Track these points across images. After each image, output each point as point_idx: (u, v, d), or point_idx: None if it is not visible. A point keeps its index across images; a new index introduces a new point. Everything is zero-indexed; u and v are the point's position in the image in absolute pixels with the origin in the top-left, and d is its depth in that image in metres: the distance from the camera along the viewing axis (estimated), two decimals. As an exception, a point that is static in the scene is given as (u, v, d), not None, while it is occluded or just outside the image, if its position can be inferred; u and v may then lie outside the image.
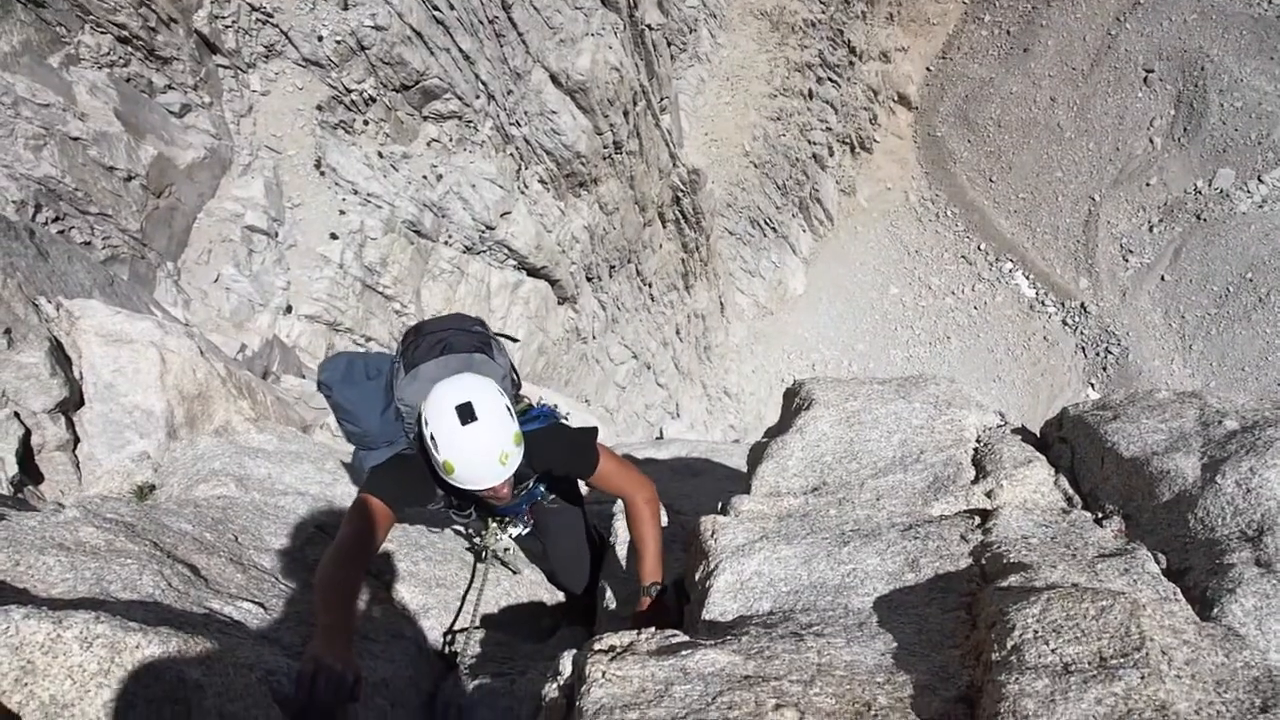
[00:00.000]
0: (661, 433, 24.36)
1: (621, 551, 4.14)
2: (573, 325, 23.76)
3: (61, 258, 7.06)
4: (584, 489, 3.83)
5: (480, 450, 2.70)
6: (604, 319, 25.17)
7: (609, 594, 3.79)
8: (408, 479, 2.96)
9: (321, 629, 2.47)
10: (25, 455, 4.40)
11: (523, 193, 21.94)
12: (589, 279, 24.30)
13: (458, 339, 3.09)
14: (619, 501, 4.43)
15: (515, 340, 4.25)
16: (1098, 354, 29.83)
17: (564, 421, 3.36)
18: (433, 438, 2.71)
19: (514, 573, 3.97)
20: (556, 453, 3.15)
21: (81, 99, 14.36)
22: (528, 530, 3.65)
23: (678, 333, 28.76)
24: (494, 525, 3.48)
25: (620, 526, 4.27)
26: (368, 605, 3.14)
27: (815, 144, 33.74)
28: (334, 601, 2.57)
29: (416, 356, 3.04)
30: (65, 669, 1.64)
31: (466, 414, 2.66)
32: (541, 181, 22.45)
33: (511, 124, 21.31)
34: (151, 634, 1.74)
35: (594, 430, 3.29)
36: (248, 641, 2.42)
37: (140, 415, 5.06)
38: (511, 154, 21.62)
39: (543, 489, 3.43)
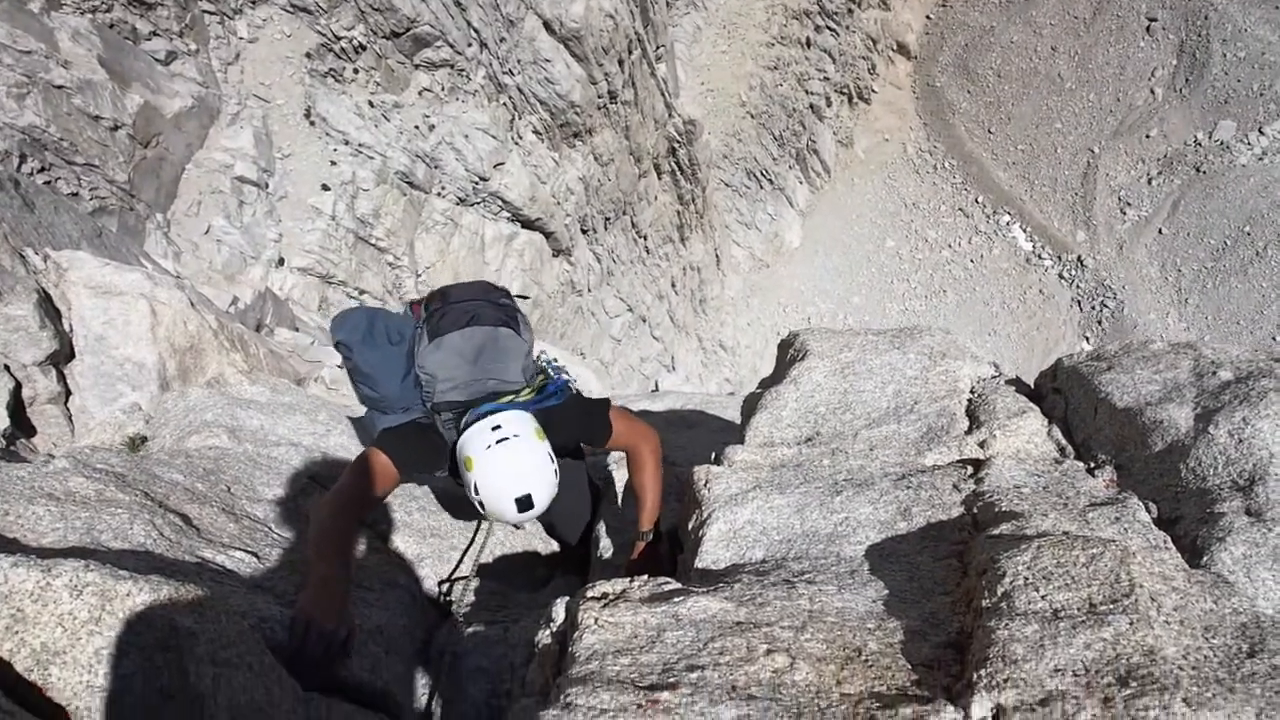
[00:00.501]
0: (657, 385, 24.40)
1: (617, 501, 4.15)
2: (567, 278, 23.66)
3: (48, 209, 6.99)
4: None
5: (522, 519, 2.74)
6: (599, 272, 25.07)
7: (603, 543, 3.81)
8: (422, 447, 2.93)
9: (316, 580, 2.47)
10: (17, 408, 4.39)
11: (516, 143, 21.71)
12: (584, 231, 24.15)
13: (485, 311, 3.02)
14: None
15: (526, 299, 4.19)
16: (1093, 308, 29.81)
17: (577, 392, 3.31)
18: (481, 503, 2.70)
19: (516, 528, 3.98)
20: (572, 427, 3.13)
21: (64, 46, 14.09)
22: None
23: (673, 285, 28.67)
24: None
25: (618, 476, 4.28)
26: (363, 554, 3.15)
27: (813, 94, 33.37)
28: (329, 552, 2.57)
29: (442, 325, 2.98)
30: (56, 617, 1.64)
31: (525, 505, 2.67)
32: (535, 132, 22.20)
33: (504, 73, 21.01)
34: (142, 581, 1.74)
35: (607, 401, 3.28)
36: (240, 590, 2.42)
37: (132, 368, 5.04)
38: (505, 104, 21.35)
39: None
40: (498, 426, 2.70)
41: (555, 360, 3.44)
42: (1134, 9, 31.98)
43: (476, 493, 2.68)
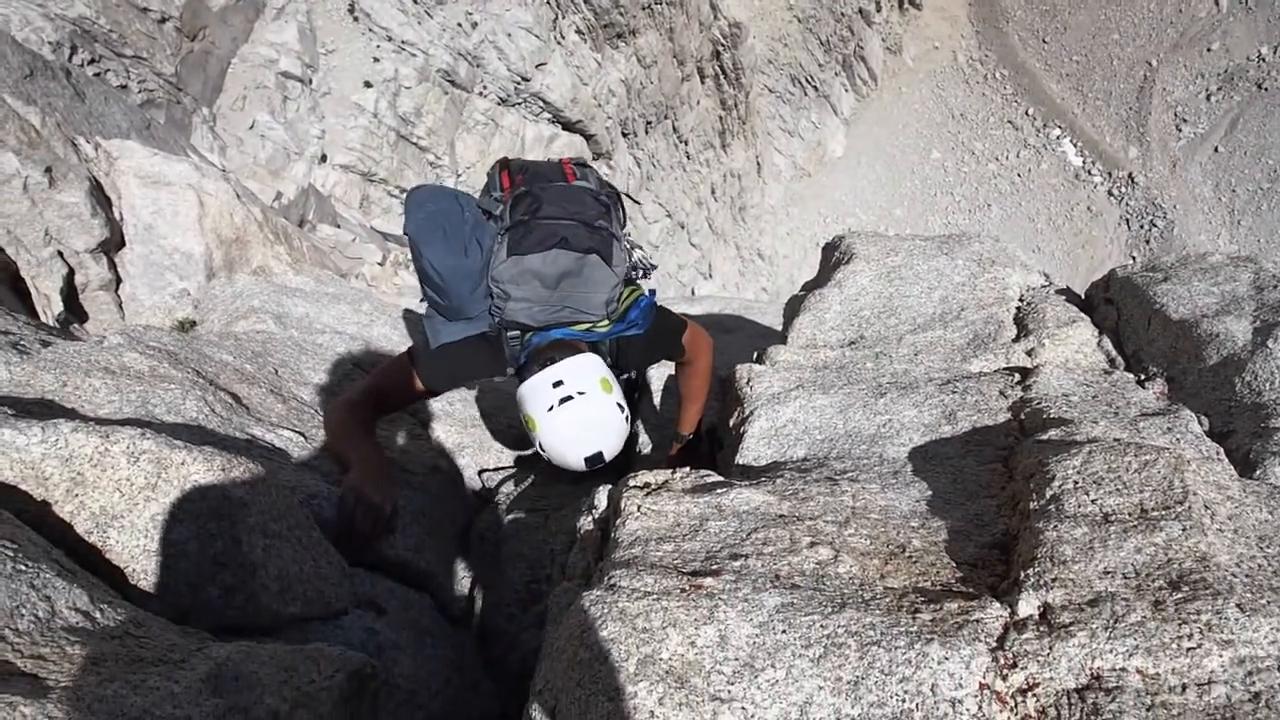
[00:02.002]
0: (694, 293, 24.32)
1: (655, 399, 4.16)
2: (607, 182, 23.37)
3: (98, 99, 6.98)
4: None
5: (584, 470, 2.58)
6: (639, 176, 24.75)
7: (641, 438, 3.83)
8: (477, 361, 2.76)
9: (358, 460, 2.52)
10: (70, 294, 4.48)
11: (559, 43, 21.26)
12: (625, 135, 23.78)
13: (577, 234, 2.66)
14: None
15: (636, 202, 3.82)
16: (1142, 227, 29.05)
17: (660, 310, 3.00)
18: (548, 460, 2.53)
19: None
20: (647, 354, 2.99)
21: (110, -67, 13.96)
22: None
23: (713, 192, 28.29)
24: None
25: (657, 373, 4.28)
26: (405, 442, 3.20)
27: (863, -3, 32.25)
28: (357, 439, 2.64)
29: (525, 243, 2.63)
30: (114, 482, 1.68)
31: (595, 461, 2.50)
32: (578, 32, 21.71)
33: (548, -32, 20.49)
34: (196, 452, 1.77)
35: (684, 326, 3.07)
36: (289, 467, 2.47)
37: (180, 258, 5.10)
38: (548, 2, 20.84)
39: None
40: (559, 383, 2.45)
41: (646, 257, 3.26)
42: (1207, -89, 30.36)
43: (543, 449, 2.49)
